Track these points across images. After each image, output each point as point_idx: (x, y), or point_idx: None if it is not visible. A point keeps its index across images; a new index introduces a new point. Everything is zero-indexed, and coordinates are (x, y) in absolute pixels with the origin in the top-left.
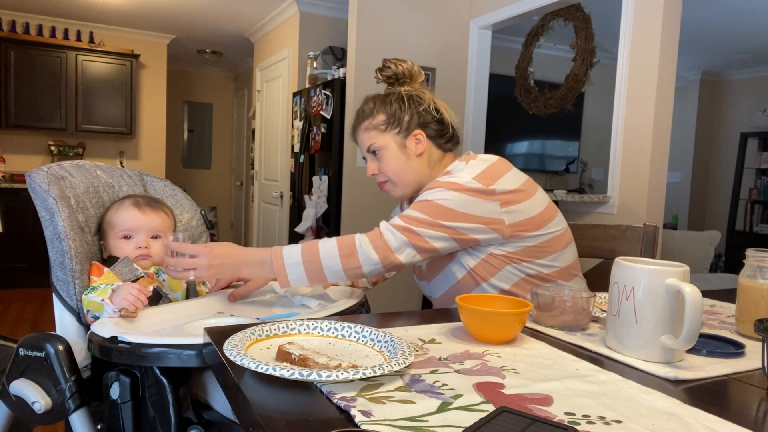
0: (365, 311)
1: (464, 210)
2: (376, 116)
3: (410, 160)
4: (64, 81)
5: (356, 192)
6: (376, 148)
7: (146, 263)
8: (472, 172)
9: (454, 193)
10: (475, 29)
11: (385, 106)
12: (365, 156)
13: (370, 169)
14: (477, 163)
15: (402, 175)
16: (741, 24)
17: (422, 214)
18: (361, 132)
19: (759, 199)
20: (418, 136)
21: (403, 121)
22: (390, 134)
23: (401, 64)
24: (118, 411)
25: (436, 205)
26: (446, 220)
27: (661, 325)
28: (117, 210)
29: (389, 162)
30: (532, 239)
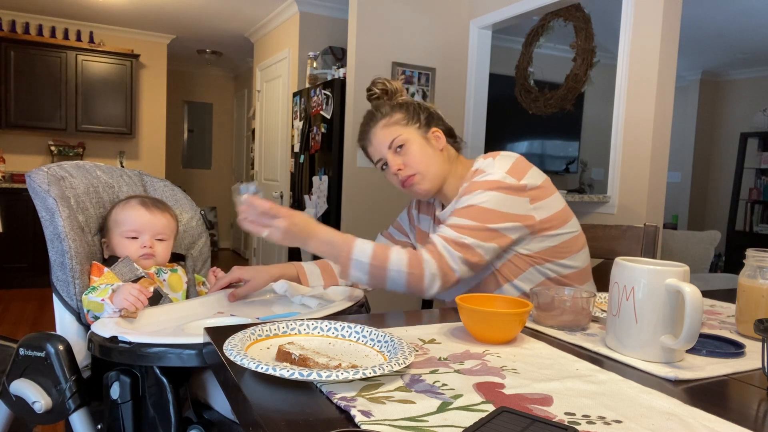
0: (365, 311)
1: (504, 209)
2: (394, 114)
3: (435, 153)
4: (64, 81)
5: (356, 192)
6: (401, 142)
7: (149, 263)
8: (503, 166)
9: (493, 193)
10: (475, 29)
11: (400, 107)
12: (382, 158)
13: (396, 165)
14: (504, 159)
15: (430, 167)
16: (741, 24)
17: (470, 220)
18: (379, 130)
19: (759, 199)
20: (436, 132)
21: (421, 118)
22: (412, 128)
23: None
24: (119, 411)
25: (480, 208)
26: (492, 223)
27: (661, 325)
28: (124, 208)
29: (416, 154)
30: (554, 238)
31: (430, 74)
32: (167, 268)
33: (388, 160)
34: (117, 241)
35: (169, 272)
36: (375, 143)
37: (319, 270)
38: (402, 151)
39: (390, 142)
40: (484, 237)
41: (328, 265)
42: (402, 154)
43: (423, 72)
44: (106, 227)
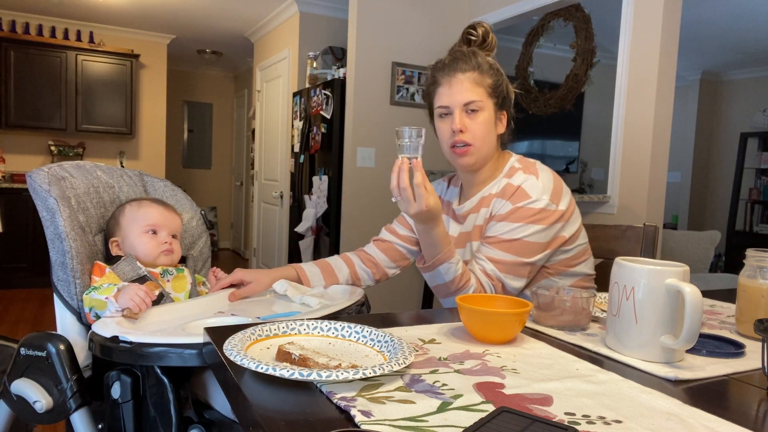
0: (366, 310)
1: (544, 240)
2: (485, 76)
3: (495, 136)
4: (64, 81)
5: (356, 192)
6: (477, 107)
7: (167, 260)
8: (546, 189)
9: (537, 227)
10: None
11: (497, 75)
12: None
13: (461, 124)
14: (544, 179)
15: (485, 145)
16: (741, 24)
17: (513, 255)
18: (467, 81)
19: (759, 199)
20: (503, 116)
21: (501, 97)
22: (491, 101)
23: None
24: (119, 410)
25: (525, 243)
26: (531, 257)
27: (661, 325)
28: (140, 206)
29: (482, 127)
30: (570, 251)
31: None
32: (174, 268)
33: (456, 114)
34: (135, 237)
35: (175, 272)
36: (454, 89)
37: (320, 270)
38: (472, 116)
39: (469, 101)
40: (521, 272)
41: (328, 266)
42: (471, 119)
43: (423, 72)
44: (117, 226)
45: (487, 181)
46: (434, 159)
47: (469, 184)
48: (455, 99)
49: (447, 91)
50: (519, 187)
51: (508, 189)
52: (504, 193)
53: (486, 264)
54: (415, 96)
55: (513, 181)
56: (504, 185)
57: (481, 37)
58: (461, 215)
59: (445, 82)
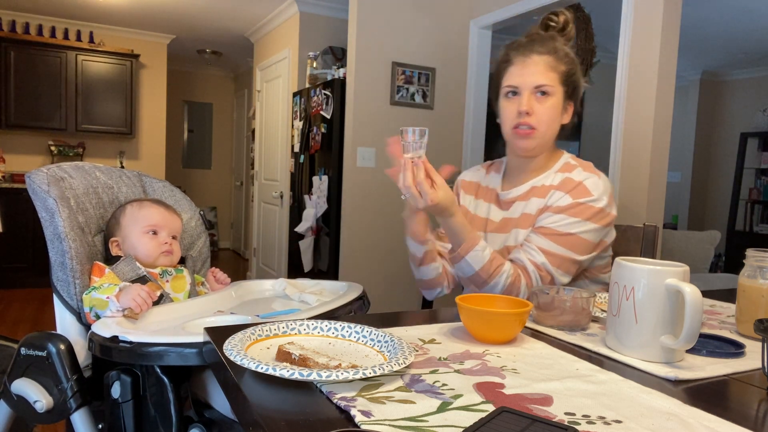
0: (365, 303)
1: (595, 240)
2: (561, 63)
3: (558, 123)
4: (64, 81)
5: (356, 192)
6: (548, 91)
7: (167, 260)
8: (606, 190)
9: (594, 225)
10: (475, 29)
11: (571, 64)
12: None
13: (528, 106)
14: (605, 180)
15: (549, 132)
16: (741, 24)
17: (564, 249)
18: (542, 64)
19: (759, 199)
20: (569, 107)
21: (571, 86)
22: (562, 88)
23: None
24: (120, 410)
25: (579, 239)
26: (582, 254)
27: (661, 325)
28: (141, 207)
29: (549, 111)
30: (604, 258)
31: (430, 74)
32: (173, 268)
33: (524, 96)
34: (136, 237)
35: (174, 273)
36: (528, 70)
37: None
38: (540, 100)
39: (541, 84)
40: (570, 269)
41: None
42: (540, 103)
43: (423, 72)
44: (117, 226)
45: (539, 170)
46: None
47: (519, 170)
48: (527, 80)
49: (519, 71)
50: (581, 183)
51: (568, 183)
52: (563, 186)
53: (537, 255)
54: (415, 96)
55: (573, 176)
56: (563, 179)
57: (561, 24)
58: (506, 201)
59: (518, 62)
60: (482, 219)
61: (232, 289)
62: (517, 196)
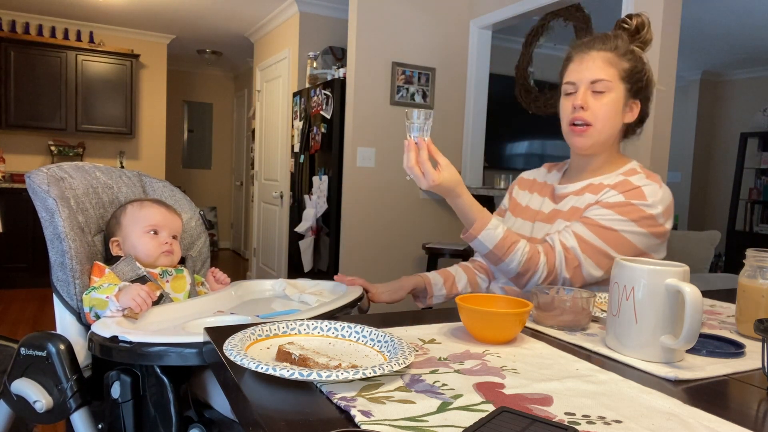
0: (366, 307)
1: (636, 244)
2: (622, 59)
3: (619, 122)
4: (64, 81)
5: (356, 192)
6: (605, 88)
7: (167, 260)
8: (664, 201)
9: (639, 229)
10: (475, 29)
11: (637, 62)
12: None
13: (583, 101)
14: (666, 191)
15: (607, 129)
16: (741, 24)
17: (600, 240)
18: (600, 60)
19: (759, 199)
20: (634, 106)
21: (636, 85)
22: (624, 85)
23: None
24: (119, 410)
25: (619, 237)
26: (618, 252)
27: (661, 325)
28: (142, 206)
29: (608, 108)
30: None
31: (430, 74)
32: (173, 269)
33: (580, 91)
34: (137, 237)
35: (174, 273)
36: (584, 65)
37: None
38: (597, 97)
39: (597, 79)
40: (601, 262)
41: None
42: (596, 99)
43: (423, 72)
44: (118, 226)
45: (600, 171)
46: None
47: (580, 168)
48: (583, 75)
49: (577, 66)
50: (639, 188)
51: (626, 185)
52: (619, 186)
53: (569, 238)
54: (415, 96)
55: (633, 180)
56: (621, 180)
57: (634, 26)
58: (559, 195)
59: (577, 58)
60: (533, 210)
61: (232, 289)
62: (571, 192)
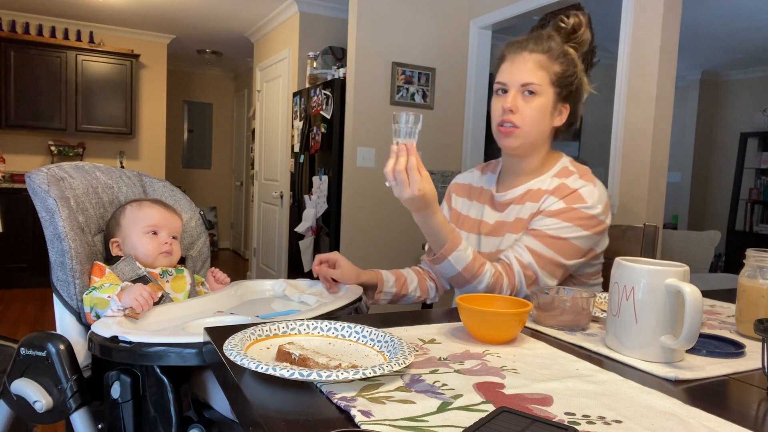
0: (364, 305)
1: (586, 246)
2: (555, 62)
3: (548, 126)
4: (64, 81)
5: (356, 192)
6: (535, 90)
7: (166, 261)
8: (602, 200)
9: (585, 232)
10: (475, 29)
11: (566, 61)
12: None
13: (511, 104)
14: (600, 188)
15: (534, 132)
16: (741, 24)
17: (552, 252)
18: (531, 62)
19: (759, 199)
20: (563, 109)
21: (566, 89)
22: (553, 89)
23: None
24: (119, 410)
25: (569, 244)
26: (569, 259)
27: (661, 325)
28: (141, 207)
29: (536, 112)
30: (595, 266)
31: (430, 74)
32: (173, 269)
33: (510, 93)
34: (136, 237)
35: (174, 273)
36: (516, 67)
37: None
38: (527, 99)
39: (528, 82)
40: (556, 272)
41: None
42: (526, 102)
43: (423, 72)
44: (117, 226)
45: (535, 173)
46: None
47: (514, 172)
48: (514, 77)
49: (509, 67)
50: (576, 191)
51: (564, 189)
52: (558, 192)
53: (524, 254)
54: (415, 96)
55: (569, 183)
56: (558, 184)
57: (570, 26)
58: (501, 203)
59: (509, 58)
60: (475, 220)
61: (232, 289)
62: (512, 199)
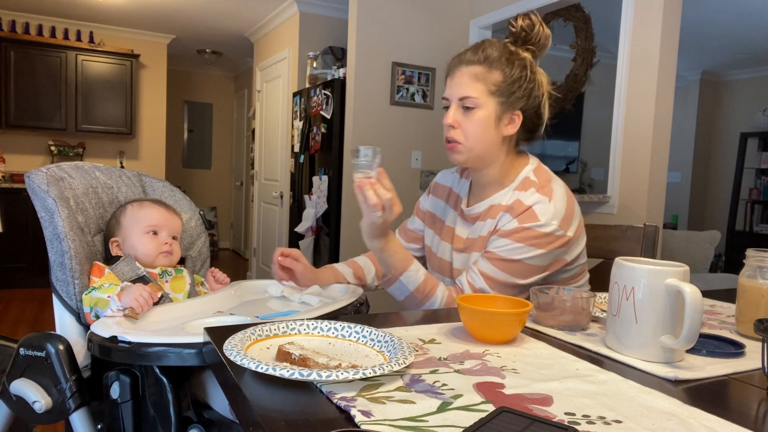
0: (365, 309)
1: (543, 263)
2: (493, 71)
3: (496, 138)
4: (64, 81)
5: None
6: (472, 105)
7: (166, 261)
8: (557, 215)
9: (540, 251)
10: (475, 29)
11: (508, 68)
12: (449, 99)
13: (451, 119)
14: (558, 200)
15: (479, 146)
16: (741, 24)
17: (505, 274)
18: (466, 75)
19: (759, 199)
20: (515, 116)
21: (512, 95)
22: (494, 100)
23: (544, 27)
24: (119, 410)
25: (520, 264)
26: (525, 279)
27: (661, 325)
28: (141, 207)
29: (476, 126)
30: (571, 270)
31: (430, 74)
32: (172, 269)
33: (451, 108)
34: (136, 237)
35: (174, 273)
36: (454, 82)
37: (351, 270)
38: (468, 114)
39: (464, 96)
40: (511, 293)
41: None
42: (466, 116)
43: (423, 72)
44: (117, 226)
45: (499, 185)
46: (434, 160)
47: (478, 184)
48: (453, 92)
49: (449, 82)
50: (530, 208)
51: (518, 207)
52: (512, 210)
53: (477, 278)
54: (415, 96)
55: (525, 199)
56: (514, 200)
57: (519, 28)
58: (471, 217)
59: (450, 73)
60: (450, 229)
61: (232, 289)
62: (478, 214)
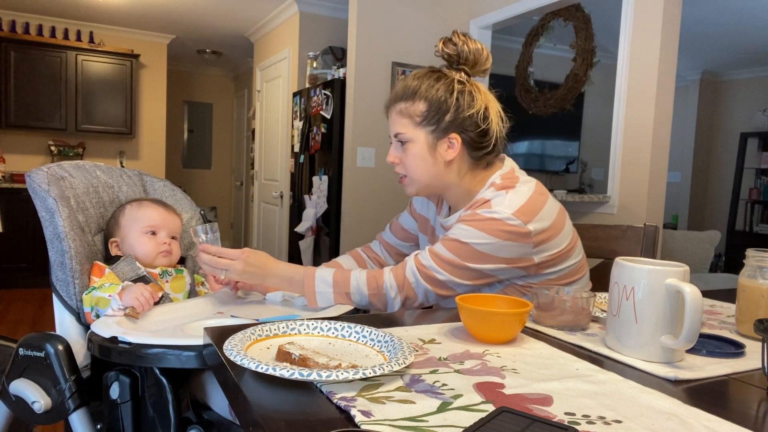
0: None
1: (496, 254)
2: (417, 102)
3: (436, 165)
4: (64, 81)
5: (356, 192)
6: (405, 139)
7: (165, 261)
8: (512, 205)
9: (490, 237)
10: (475, 29)
11: (431, 94)
12: (390, 135)
13: (392, 157)
14: (517, 194)
15: (422, 176)
16: (741, 24)
17: (452, 254)
18: (394, 113)
19: (759, 199)
20: (452, 140)
21: (442, 121)
22: (423, 130)
23: (469, 43)
24: (118, 411)
25: (469, 248)
26: (475, 263)
27: (661, 325)
28: (140, 206)
29: (413, 159)
30: (556, 273)
31: None
32: (173, 269)
33: (391, 146)
34: (135, 237)
35: (174, 273)
36: (389, 120)
37: None
38: (403, 148)
39: (396, 133)
40: (462, 276)
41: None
42: (403, 150)
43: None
44: (116, 226)
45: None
46: None
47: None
48: (391, 128)
49: (389, 120)
50: (487, 201)
51: (477, 201)
52: (473, 206)
53: (425, 255)
54: None
55: (485, 195)
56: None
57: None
58: (446, 227)
59: (389, 112)
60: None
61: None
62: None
